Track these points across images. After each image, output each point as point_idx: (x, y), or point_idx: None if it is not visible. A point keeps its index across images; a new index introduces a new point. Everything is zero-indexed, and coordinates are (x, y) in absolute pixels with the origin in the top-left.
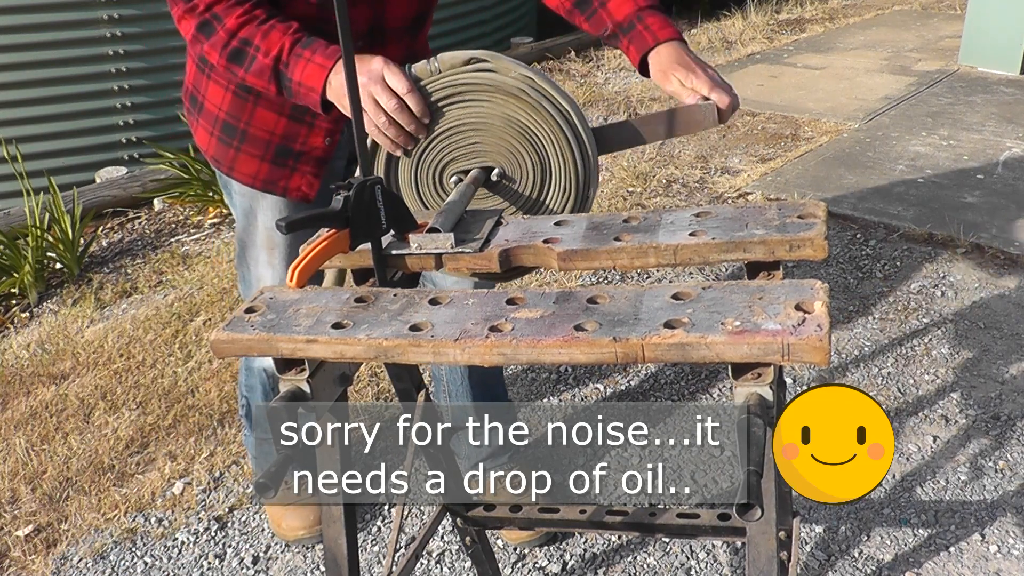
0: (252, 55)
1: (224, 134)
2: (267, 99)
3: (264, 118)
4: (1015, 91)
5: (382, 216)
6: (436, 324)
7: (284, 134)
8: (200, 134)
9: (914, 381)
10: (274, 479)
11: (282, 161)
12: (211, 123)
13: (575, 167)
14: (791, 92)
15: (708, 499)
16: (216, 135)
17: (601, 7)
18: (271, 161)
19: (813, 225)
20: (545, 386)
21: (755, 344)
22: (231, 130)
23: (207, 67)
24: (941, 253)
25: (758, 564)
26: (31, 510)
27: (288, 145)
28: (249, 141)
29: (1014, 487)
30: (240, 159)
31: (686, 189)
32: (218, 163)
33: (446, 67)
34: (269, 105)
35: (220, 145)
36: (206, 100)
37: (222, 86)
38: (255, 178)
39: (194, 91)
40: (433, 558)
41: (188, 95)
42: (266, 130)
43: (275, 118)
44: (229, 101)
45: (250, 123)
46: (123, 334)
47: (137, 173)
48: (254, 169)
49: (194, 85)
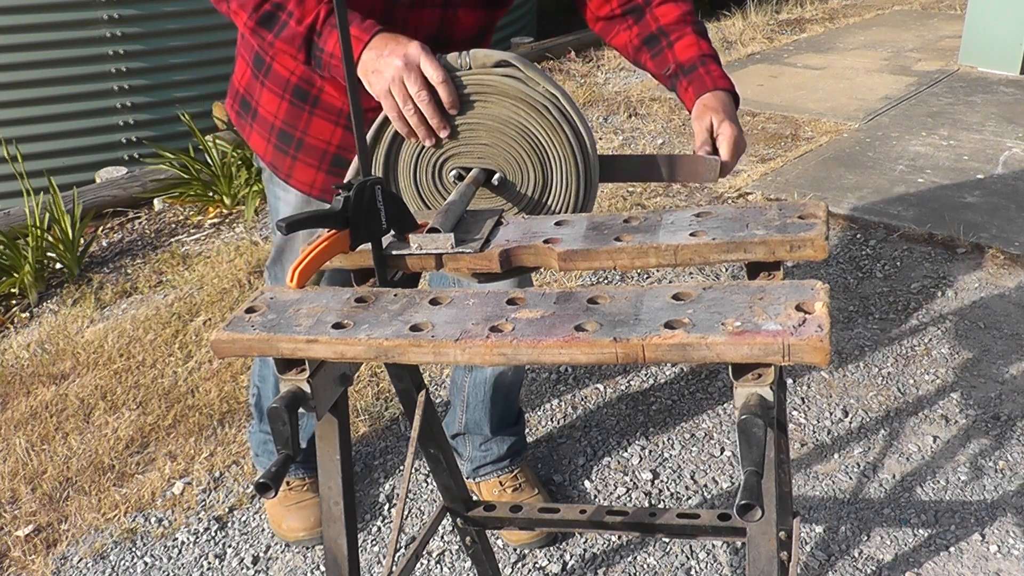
0: (284, 20)
1: (281, 142)
2: (323, 109)
3: (320, 128)
4: (1015, 91)
5: (382, 216)
6: (437, 324)
7: (340, 144)
8: (255, 140)
9: (914, 381)
10: (275, 479)
11: (337, 171)
12: (267, 130)
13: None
14: (791, 92)
15: (708, 499)
16: (273, 142)
17: (668, 48)
18: (327, 171)
19: (814, 225)
20: (545, 386)
21: (756, 345)
22: (288, 138)
23: (260, 72)
24: (941, 253)
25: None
26: (31, 510)
27: (343, 155)
28: (305, 150)
29: (1014, 487)
30: (297, 167)
31: (686, 189)
32: (276, 169)
33: (477, 64)
34: (325, 115)
35: (277, 153)
36: (260, 107)
37: (277, 94)
38: (312, 186)
39: (246, 95)
40: (433, 558)
41: (239, 98)
42: (322, 139)
43: (331, 128)
44: (285, 110)
45: (306, 132)
46: (123, 334)
47: (137, 173)
48: (311, 178)
49: (247, 89)
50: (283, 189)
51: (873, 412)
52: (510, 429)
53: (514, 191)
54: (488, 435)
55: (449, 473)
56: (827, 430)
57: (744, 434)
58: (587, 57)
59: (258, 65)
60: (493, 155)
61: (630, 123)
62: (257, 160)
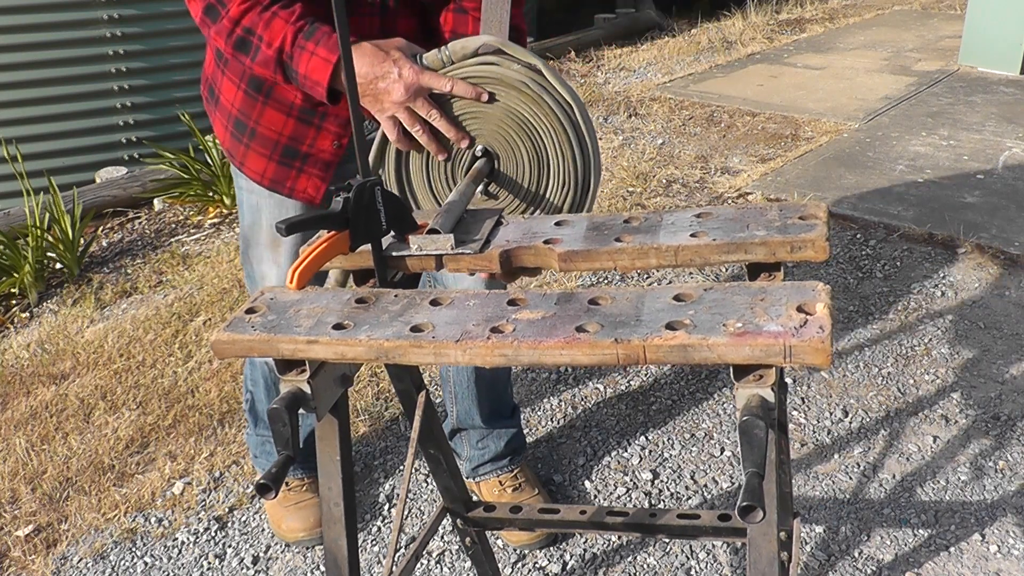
0: (256, 45)
1: (236, 129)
2: (276, 100)
3: (272, 118)
4: (1015, 91)
5: (382, 217)
6: (437, 325)
7: (292, 135)
8: (217, 126)
9: (914, 381)
10: (275, 480)
11: (288, 162)
12: (225, 117)
13: (574, 162)
14: (791, 92)
15: (709, 499)
16: (230, 129)
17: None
18: (278, 161)
19: (814, 226)
20: (545, 386)
21: (757, 346)
22: (242, 127)
23: (221, 61)
24: (941, 253)
25: (759, 565)
26: (31, 510)
27: (295, 146)
28: (258, 139)
29: (1014, 487)
30: (250, 156)
31: (686, 189)
32: (231, 156)
33: (457, 57)
34: (278, 106)
35: (232, 140)
36: (221, 95)
37: (234, 83)
38: (263, 176)
39: (212, 82)
40: (433, 558)
41: (207, 85)
42: (274, 130)
43: (283, 119)
44: (240, 99)
45: (259, 122)
46: (123, 334)
47: (137, 173)
48: (262, 167)
49: (212, 77)
50: (244, 179)
51: (873, 412)
52: (505, 422)
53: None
54: (482, 427)
55: (449, 474)
56: (827, 430)
57: (745, 435)
58: (587, 57)
59: (219, 54)
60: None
61: (630, 123)
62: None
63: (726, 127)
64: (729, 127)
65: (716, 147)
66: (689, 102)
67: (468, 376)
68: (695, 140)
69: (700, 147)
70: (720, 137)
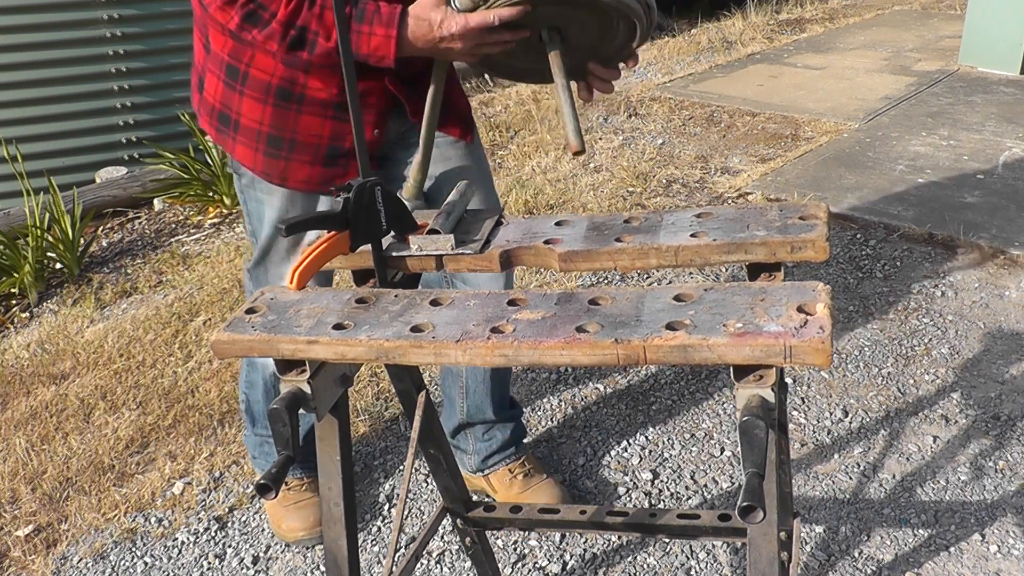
0: (312, 40)
1: (271, 147)
2: (309, 103)
3: (309, 124)
4: (1015, 91)
5: (382, 217)
6: (437, 325)
7: (331, 135)
8: (240, 151)
9: (914, 381)
10: (275, 480)
11: (333, 161)
12: (253, 139)
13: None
14: (791, 92)
15: (709, 499)
16: (262, 149)
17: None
18: (323, 164)
19: (815, 227)
20: (545, 386)
21: (757, 346)
22: (278, 141)
23: (237, 83)
24: (941, 253)
25: (759, 566)
26: (31, 510)
27: (337, 144)
28: (298, 149)
29: (1014, 487)
30: (292, 168)
31: (686, 189)
32: (268, 176)
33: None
34: (312, 110)
35: (268, 159)
36: (242, 117)
37: (259, 100)
38: (309, 182)
39: (224, 109)
40: (433, 558)
41: (215, 114)
42: (313, 135)
43: (320, 122)
44: (270, 114)
45: (296, 131)
46: (123, 334)
47: (137, 173)
48: (306, 174)
49: (223, 103)
50: (266, 192)
51: (873, 412)
52: (510, 412)
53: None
54: (491, 420)
55: (449, 474)
56: (827, 430)
57: (746, 436)
58: None
59: (232, 76)
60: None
61: (630, 123)
62: (236, 169)
63: (726, 127)
64: (729, 127)
65: (716, 147)
66: (689, 102)
67: (484, 371)
68: (695, 140)
69: (700, 147)
70: (720, 137)
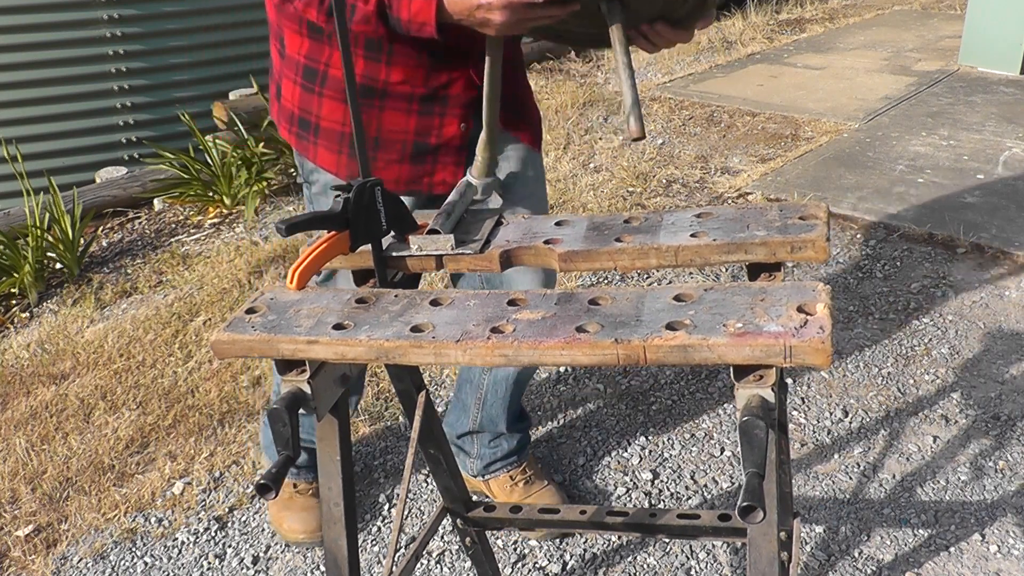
0: (352, 4)
1: (354, 148)
2: (393, 98)
3: (393, 120)
4: (1015, 91)
5: (382, 217)
6: (437, 325)
7: (417, 130)
8: (323, 156)
9: (914, 381)
10: (275, 480)
11: (420, 158)
12: (336, 141)
13: None
14: (791, 92)
15: (709, 499)
16: (346, 152)
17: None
18: (410, 161)
19: (815, 227)
20: (545, 386)
21: (757, 346)
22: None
23: (316, 84)
24: (941, 253)
25: (759, 566)
26: (31, 510)
27: (424, 141)
28: (384, 147)
29: (1014, 487)
30: (378, 168)
31: (686, 189)
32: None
33: None
34: (396, 105)
35: (352, 161)
36: (322, 119)
37: (340, 99)
38: (397, 182)
39: (303, 114)
40: (433, 558)
41: (295, 120)
42: (398, 131)
43: (404, 117)
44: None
45: (380, 128)
46: (123, 334)
47: (137, 173)
48: (395, 173)
49: (301, 108)
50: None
51: (873, 412)
52: (518, 425)
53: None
54: (502, 432)
55: (449, 474)
56: (827, 430)
57: (746, 436)
58: (587, 57)
59: (310, 78)
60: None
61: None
62: (308, 177)
63: (726, 127)
64: (729, 127)
65: (716, 147)
66: (689, 102)
67: (507, 386)
68: (695, 140)
69: (700, 147)
70: (720, 137)
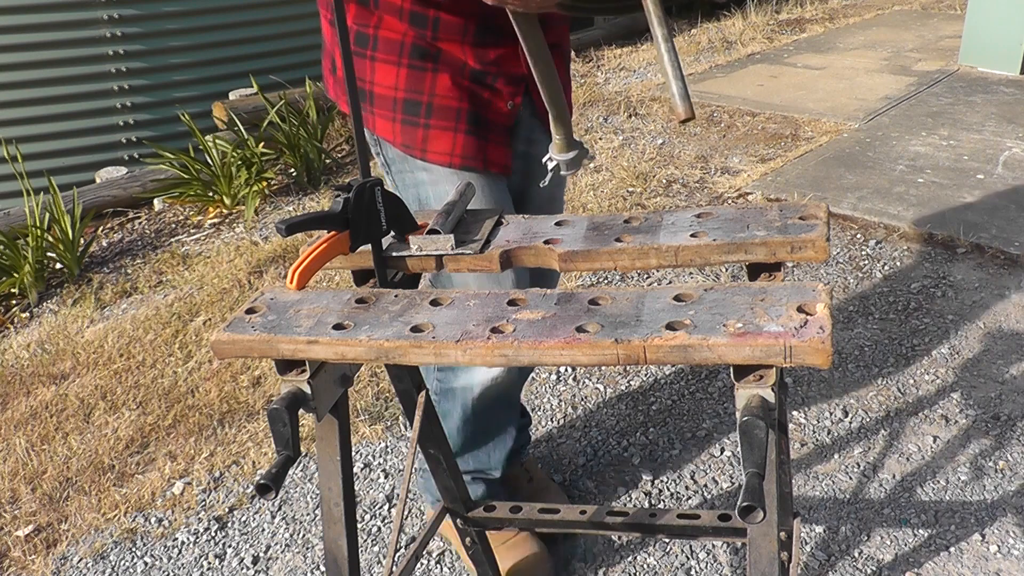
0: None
1: (408, 114)
2: (445, 63)
3: (447, 85)
4: (1015, 91)
5: (382, 217)
6: (437, 325)
7: (471, 98)
8: (380, 124)
9: (914, 381)
10: (275, 480)
11: (475, 130)
12: (390, 108)
13: None
14: (791, 92)
15: (709, 499)
16: (399, 118)
17: None
18: (466, 132)
19: (815, 227)
20: (545, 386)
21: (757, 346)
22: (415, 107)
23: (368, 49)
24: (941, 253)
25: (759, 566)
26: (31, 510)
27: (477, 111)
28: (437, 113)
29: (1014, 487)
30: (432, 136)
31: (686, 189)
32: (409, 148)
33: None
34: (449, 69)
35: (407, 127)
36: (375, 85)
37: (392, 63)
38: (452, 154)
39: (357, 82)
40: (433, 558)
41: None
42: (452, 97)
43: (458, 81)
44: (405, 77)
45: (434, 92)
46: (123, 334)
47: (137, 173)
48: (449, 144)
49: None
50: (424, 169)
51: (873, 412)
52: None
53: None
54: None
55: (449, 474)
56: (827, 430)
57: (746, 436)
58: (587, 57)
59: (361, 43)
60: None
61: (630, 123)
62: (384, 149)
63: (726, 127)
64: (729, 127)
65: (716, 147)
66: None
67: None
68: (695, 140)
69: (700, 147)
70: (720, 137)
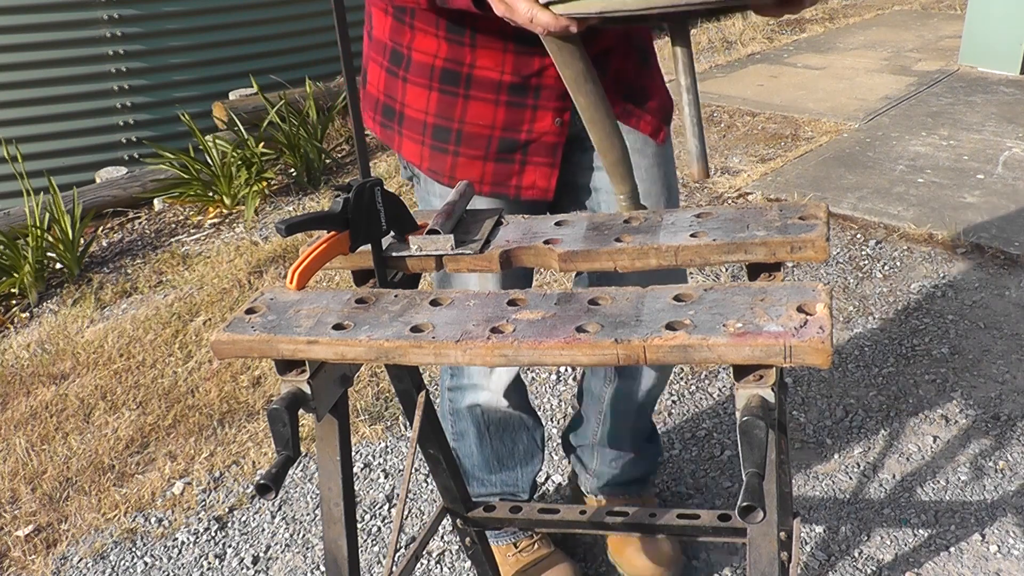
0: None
1: (437, 140)
2: (478, 86)
3: (479, 112)
4: (1015, 91)
5: (382, 218)
6: (437, 325)
7: (505, 125)
8: (408, 147)
9: (914, 381)
10: (274, 480)
11: (508, 156)
12: (419, 132)
13: None
14: (791, 92)
15: (709, 499)
16: (428, 143)
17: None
18: (495, 159)
19: (815, 227)
20: (545, 386)
21: (757, 346)
22: (444, 133)
23: (401, 68)
24: (941, 253)
25: (759, 566)
26: (31, 510)
27: (512, 137)
28: (466, 142)
29: (1014, 487)
30: (460, 164)
31: (686, 189)
32: (436, 175)
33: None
34: (481, 95)
35: (435, 154)
36: (406, 107)
37: (424, 86)
38: (481, 183)
39: (387, 101)
40: (433, 558)
41: (379, 108)
42: (484, 124)
43: (491, 109)
44: (436, 101)
45: (464, 120)
46: (123, 334)
47: (137, 173)
48: (478, 172)
49: (387, 94)
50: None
51: (873, 412)
52: (645, 446)
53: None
54: (627, 451)
55: (449, 474)
56: (827, 430)
57: (745, 436)
58: None
59: (395, 61)
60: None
61: None
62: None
63: (726, 127)
64: (729, 127)
65: (716, 147)
66: None
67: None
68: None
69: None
70: (720, 137)
